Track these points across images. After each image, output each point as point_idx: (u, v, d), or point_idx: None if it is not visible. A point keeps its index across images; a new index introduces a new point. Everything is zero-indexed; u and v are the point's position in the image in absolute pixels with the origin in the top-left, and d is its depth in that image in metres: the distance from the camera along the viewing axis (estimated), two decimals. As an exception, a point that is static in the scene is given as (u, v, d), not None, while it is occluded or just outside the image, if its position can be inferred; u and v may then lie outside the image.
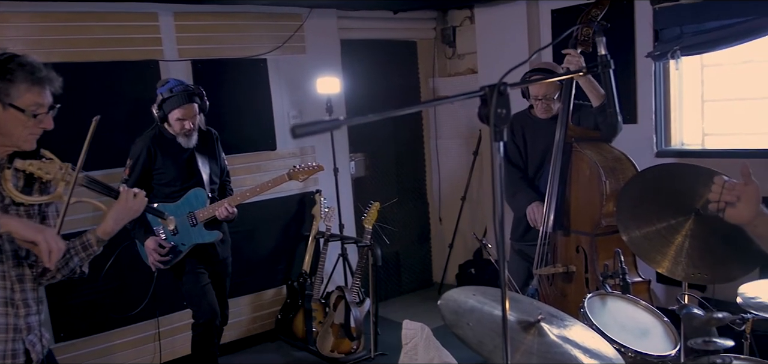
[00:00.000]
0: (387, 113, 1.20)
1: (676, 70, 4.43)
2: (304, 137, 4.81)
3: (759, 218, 1.94)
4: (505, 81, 1.35)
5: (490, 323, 1.85)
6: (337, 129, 1.13)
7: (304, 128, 1.15)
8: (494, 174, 1.37)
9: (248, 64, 4.94)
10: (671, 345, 2.36)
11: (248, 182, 4.90)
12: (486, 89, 1.34)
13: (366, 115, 1.14)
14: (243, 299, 5.12)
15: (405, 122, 6.13)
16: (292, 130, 1.14)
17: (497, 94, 1.34)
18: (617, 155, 3.34)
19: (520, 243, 3.74)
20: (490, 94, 1.34)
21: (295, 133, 1.14)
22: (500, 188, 1.41)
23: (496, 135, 1.36)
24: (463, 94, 1.35)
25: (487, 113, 1.35)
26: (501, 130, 1.36)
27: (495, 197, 1.40)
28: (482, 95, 1.36)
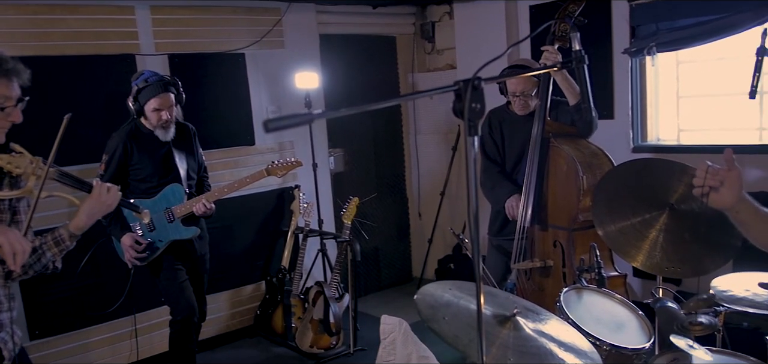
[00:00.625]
0: (360, 108, 1.20)
1: (652, 67, 4.48)
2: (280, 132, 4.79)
3: (741, 204, 1.97)
4: (479, 76, 1.35)
5: (466, 318, 1.86)
6: (309, 123, 1.12)
7: (277, 122, 1.14)
8: (468, 168, 1.37)
9: (226, 59, 4.90)
10: (646, 338, 2.39)
11: (226, 177, 4.88)
12: (460, 84, 1.34)
13: (338, 110, 1.13)
14: (222, 295, 5.09)
15: (384, 118, 6.13)
16: (264, 125, 1.13)
17: (471, 89, 1.33)
18: (594, 150, 3.37)
19: (498, 238, 3.76)
20: (464, 88, 1.33)
21: (267, 127, 1.13)
22: (474, 182, 1.41)
23: (471, 129, 1.36)
24: (436, 88, 1.35)
25: (461, 108, 1.35)
26: (475, 125, 1.36)
27: (469, 192, 1.40)
28: (456, 90, 1.36)
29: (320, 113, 1.16)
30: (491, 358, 1.76)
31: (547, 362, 1.81)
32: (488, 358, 1.75)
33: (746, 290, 2.56)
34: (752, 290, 2.56)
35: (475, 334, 1.74)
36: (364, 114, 5.92)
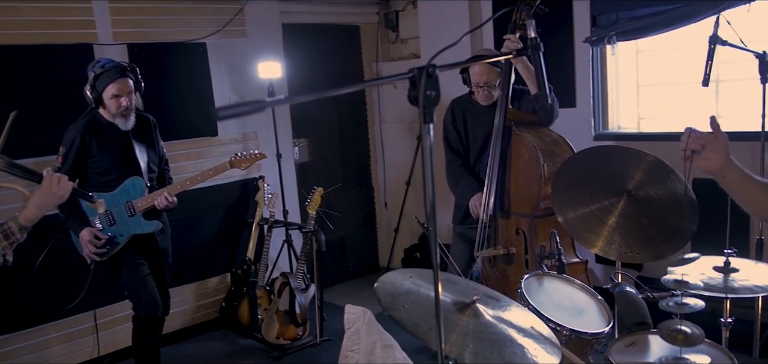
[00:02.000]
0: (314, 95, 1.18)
1: (612, 56, 4.54)
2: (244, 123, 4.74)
3: (728, 169, 2.01)
4: (434, 63, 1.35)
5: (426, 305, 1.86)
6: (260, 111, 1.10)
7: (226, 111, 1.12)
8: (424, 156, 1.37)
9: (187, 49, 4.83)
10: (605, 323, 2.42)
11: (189, 169, 4.82)
12: (414, 71, 1.33)
13: (291, 97, 1.12)
14: (186, 288, 5.04)
15: (349, 107, 6.11)
16: (214, 113, 1.12)
17: (425, 76, 1.33)
18: (555, 138, 3.41)
19: (462, 226, 3.79)
20: (419, 76, 1.33)
21: (217, 115, 1.11)
22: (430, 170, 1.41)
23: (426, 117, 1.36)
24: (390, 76, 1.34)
25: (416, 95, 1.35)
26: (430, 113, 1.36)
27: (425, 179, 1.40)
28: (411, 77, 1.35)
29: (271, 101, 1.15)
30: (451, 345, 1.76)
31: (505, 348, 1.82)
32: (448, 345, 1.76)
33: (701, 274, 2.62)
34: (707, 274, 2.62)
35: (434, 321, 1.75)
36: (328, 104, 5.90)
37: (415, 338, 1.79)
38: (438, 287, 1.46)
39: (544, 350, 1.93)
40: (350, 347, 3.16)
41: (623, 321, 2.53)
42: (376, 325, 3.05)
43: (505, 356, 1.80)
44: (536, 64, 1.71)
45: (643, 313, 2.51)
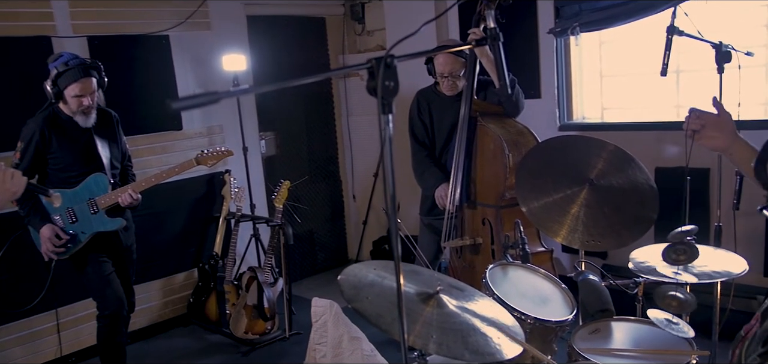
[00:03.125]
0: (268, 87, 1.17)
1: (576, 47, 4.58)
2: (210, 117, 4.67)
3: (734, 146, 2.06)
4: (392, 53, 1.34)
5: (389, 297, 1.86)
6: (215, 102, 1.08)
7: (180, 103, 1.10)
8: (383, 147, 1.36)
9: (149, 41, 4.75)
10: (569, 311, 2.45)
11: (153, 164, 4.75)
12: (372, 62, 1.33)
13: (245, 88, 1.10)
14: (153, 284, 4.99)
15: (315, 100, 6.08)
16: (168, 105, 1.10)
17: (384, 67, 1.32)
18: (520, 129, 3.43)
19: (429, 218, 3.80)
20: (377, 66, 1.32)
21: (170, 107, 1.09)
22: (390, 161, 1.41)
23: (384, 108, 1.35)
24: (349, 66, 1.33)
25: (374, 86, 1.34)
26: (389, 103, 1.36)
27: (385, 170, 1.40)
28: (369, 68, 1.34)
29: (225, 92, 1.13)
30: (415, 336, 1.77)
31: (469, 338, 1.83)
32: (412, 336, 1.76)
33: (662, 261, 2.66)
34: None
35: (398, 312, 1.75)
36: (295, 97, 5.86)
37: (379, 330, 1.79)
38: (400, 279, 1.46)
39: (507, 338, 1.95)
40: (318, 340, 3.16)
41: (586, 309, 2.57)
42: (343, 317, 3.05)
43: (468, 345, 1.81)
44: (496, 54, 1.72)
45: (606, 300, 2.54)
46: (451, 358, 1.79)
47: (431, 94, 3.75)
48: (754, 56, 3.21)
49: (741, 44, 3.09)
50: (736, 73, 3.00)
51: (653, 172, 4.20)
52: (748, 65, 3.36)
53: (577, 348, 2.29)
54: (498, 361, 2.00)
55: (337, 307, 3.06)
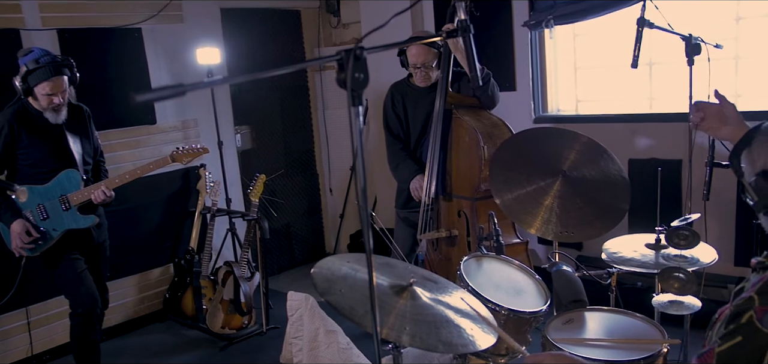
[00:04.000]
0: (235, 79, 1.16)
1: (550, 39, 4.61)
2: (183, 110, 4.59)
3: (741, 134, 2.07)
4: (361, 45, 1.34)
5: (362, 289, 1.86)
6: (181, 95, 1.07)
7: (146, 96, 1.09)
8: (353, 139, 1.36)
9: (121, 34, 4.68)
10: (543, 302, 2.46)
11: (127, 159, 4.70)
12: (341, 53, 1.32)
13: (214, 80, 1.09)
14: (128, 280, 4.94)
15: (291, 94, 6.05)
16: (131, 98, 1.08)
17: (353, 59, 1.32)
18: (495, 121, 3.45)
19: (405, 211, 3.81)
20: (346, 58, 1.32)
21: (134, 100, 1.08)
22: (361, 153, 1.40)
23: (354, 100, 1.35)
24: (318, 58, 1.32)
25: (344, 78, 1.34)
26: (359, 95, 1.35)
27: (356, 162, 1.39)
28: (339, 60, 1.34)
29: (193, 84, 1.12)
30: (388, 328, 1.77)
31: (442, 329, 1.84)
32: (385, 328, 1.76)
33: (634, 251, 2.71)
34: (640, 251, 2.70)
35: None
36: (270, 90, 5.83)
37: (352, 323, 1.79)
38: (372, 272, 1.46)
39: (481, 329, 1.96)
40: (294, 334, 3.15)
41: (560, 299, 2.59)
42: (319, 311, 3.05)
43: (441, 336, 1.81)
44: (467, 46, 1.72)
45: (579, 291, 2.56)
46: (424, 349, 1.79)
47: (405, 87, 3.76)
48: (724, 49, 3.25)
49: (711, 37, 3.13)
50: (706, 66, 3.03)
51: (627, 163, 4.24)
52: (718, 58, 3.41)
53: (550, 338, 2.31)
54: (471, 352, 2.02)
55: (312, 300, 3.06)
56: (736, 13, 3.91)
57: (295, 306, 3.12)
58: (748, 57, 3.93)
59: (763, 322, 1.47)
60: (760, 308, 1.49)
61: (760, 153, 1.56)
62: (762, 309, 1.48)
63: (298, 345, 3.09)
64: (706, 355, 1.57)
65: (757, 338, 1.48)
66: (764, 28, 3.83)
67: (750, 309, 1.50)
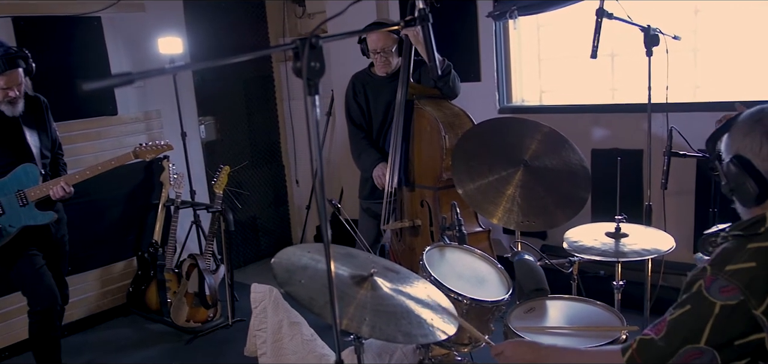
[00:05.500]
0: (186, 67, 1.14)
1: (514, 30, 4.64)
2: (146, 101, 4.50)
3: None
4: (317, 34, 1.33)
5: (322, 280, 1.85)
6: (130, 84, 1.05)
7: (92, 84, 1.06)
8: (310, 129, 1.35)
9: (80, 23, 4.57)
10: (505, 291, 2.48)
11: (88, 150, 4.62)
12: (297, 42, 1.31)
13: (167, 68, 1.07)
14: (90, 274, 4.86)
15: (256, 84, 5.99)
16: (79, 87, 1.06)
17: (309, 48, 1.31)
18: (456, 112, 3.46)
19: (368, 201, 3.81)
20: (302, 47, 1.30)
21: (81, 88, 1.05)
22: (318, 143, 1.39)
23: (310, 89, 1.34)
24: (273, 47, 1.30)
25: (300, 67, 1.32)
26: (315, 84, 1.34)
27: (312, 151, 1.38)
28: (294, 49, 1.32)
29: (142, 73, 1.10)
30: (348, 319, 1.77)
31: (402, 320, 1.84)
32: (346, 319, 1.76)
33: (595, 240, 2.74)
34: (600, 240, 2.74)
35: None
36: (235, 81, 5.77)
37: (312, 313, 1.78)
38: (331, 263, 1.45)
39: (442, 319, 1.97)
40: (258, 326, 3.12)
41: (522, 288, 2.61)
42: (282, 303, 3.02)
43: (401, 327, 1.81)
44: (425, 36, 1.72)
45: (540, 280, 2.58)
46: (384, 340, 1.79)
47: (366, 77, 3.77)
48: (683, 41, 3.31)
49: (670, 29, 3.18)
50: (665, 57, 3.08)
51: (589, 153, 4.30)
52: (677, 49, 3.47)
53: (512, 327, 2.33)
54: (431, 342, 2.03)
55: (276, 292, 3.03)
56: (695, 6, 3.97)
57: (258, 298, 3.09)
58: (706, 49, 4.00)
59: (710, 290, 1.53)
60: (710, 277, 1.55)
61: (734, 140, 1.63)
62: (711, 278, 1.55)
63: (262, 337, 3.06)
64: (659, 324, 1.63)
65: (703, 305, 1.54)
66: (722, 21, 3.90)
67: (701, 279, 1.57)
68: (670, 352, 1.57)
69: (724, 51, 3.94)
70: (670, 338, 1.58)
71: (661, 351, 1.59)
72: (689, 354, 1.55)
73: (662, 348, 1.59)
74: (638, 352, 1.64)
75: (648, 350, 1.62)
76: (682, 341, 1.56)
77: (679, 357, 1.56)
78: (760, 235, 1.56)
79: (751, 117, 1.62)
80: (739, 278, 1.51)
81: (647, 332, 1.65)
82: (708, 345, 1.53)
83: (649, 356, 1.61)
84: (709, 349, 1.53)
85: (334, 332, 1.52)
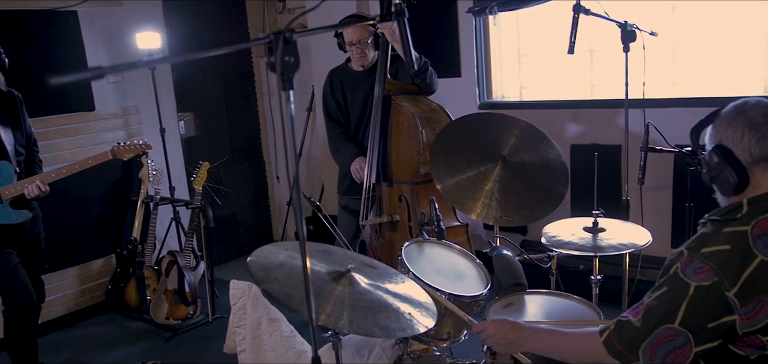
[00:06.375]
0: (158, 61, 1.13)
1: (494, 26, 4.65)
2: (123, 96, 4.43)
3: None
4: (291, 28, 1.31)
5: (299, 277, 1.84)
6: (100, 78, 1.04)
7: (61, 79, 1.05)
8: (285, 124, 1.34)
9: (56, 17, 4.50)
10: (483, 285, 2.49)
11: (65, 147, 4.57)
12: (270, 36, 1.29)
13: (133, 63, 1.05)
14: (68, 272, 4.81)
15: (236, 80, 5.94)
16: (46, 81, 1.04)
17: (283, 42, 1.30)
18: (433, 107, 3.47)
19: (346, 198, 3.81)
20: (275, 41, 1.29)
21: (49, 83, 1.03)
22: (292, 139, 1.38)
23: (285, 84, 1.32)
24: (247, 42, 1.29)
25: (274, 62, 1.31)
26: (290, 79, 1.33)
27: (287, 149, 1.37)
28: (268, 43, 1.31)
29: (113, 67, 1.08)
30: (326, 315, 1.76)
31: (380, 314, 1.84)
32: (323, 315, 1.75)
33: (572, 235, 2.76)
34: (577, 235, 2.76)
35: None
36: (214, 76, 5.73)
37: (289, 310, 1.78)
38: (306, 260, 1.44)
39: (419, 313, 1.97)
40: (237, 323, 3.11)
41: (501, 283, 2.62)
42: (261, 299, 3.01)
43: (379, 321, 1.82)
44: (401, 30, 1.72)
45: (519, 274, 2.60)
46: (361, 335, 1.79)
47: (343, 72, 3.77)
48: (661, 37, 3.33)
49: (648, 25, 3.20)
50: (641, 53, 3.10)
51: (569, 149, 4.33)
52: (655, 45, 3.50)
53: (491, 322, 2.34)
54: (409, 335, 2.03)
55: (255, 289, 3.02)
56: (672, 3, 4.01)
57: (238, 295, 3.08)
58: (684, 45, 4.04)
59: (685, 272, 1.57)
60: (686, 259, 1.59)
61: (717, 130, 1.67)
62: (687, 261, 1.59)
63: (241, 334, 3.04)
64: (637, 307, 1.67)
65: (679, 286, 1.58)
66: (700, 17, 3.94)
67: (678, 261, 1.61)
68: (645, 332, 1.61)
69: (701, 47, 3.98)
70: (646, 318, 1.62)
71: (637, 332, 1.63)
72: (664, 335, 1.59)
73: (638, 328, 1.63)
74: (616, 333, 1.68)
75: (625, 331, 1.66)
76: (657, 321, 1.60)
77: (654, 338, 1.60)
78: (737, 220, 1.60)
79: (734, 108, 1.66)
80: (713, 260, 1.55)
81: (625, 315, 1.69)
82: (682, 326, 1.56)
83: (626, 336, 1.65)
84: (684, 331, 1.56)
85: (310, 330, 1.51)
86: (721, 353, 1.60)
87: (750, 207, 1.59)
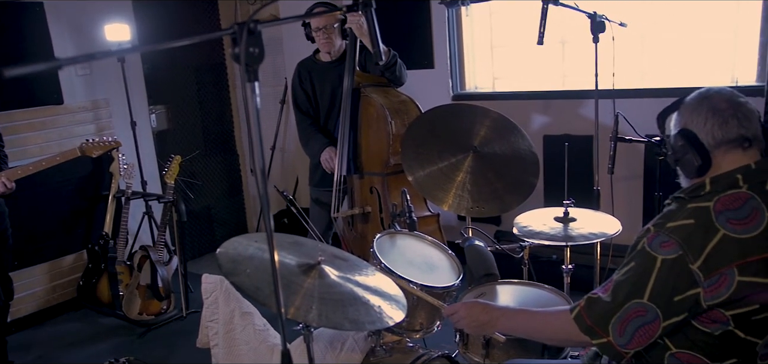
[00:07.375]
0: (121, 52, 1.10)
1: (467, 17, 4.66)
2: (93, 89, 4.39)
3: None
4: (256, 19, 1.30)
5: (268, 269, 1.82)
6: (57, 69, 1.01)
7: (15, 70, 1.02)
8: (250, 116, 1.32)
9: (20, 8, 4.41)
10: (455, 276, 2.50)
11: (32, 141, 4.48)
12: (235, 27, 1.28)
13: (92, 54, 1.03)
14: (38, 268, 4.73)
15: (208, 72, 5.88)
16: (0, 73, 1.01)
17: (247, 33, 1.28)
18: (403, 99, 3.48)
19: (318, 190, 3.80)
20: (240, 32, 1.28)
21: (3, 75, 1.01)
22: (258, 132, 1.37)
23: (249, 75, 1.31)
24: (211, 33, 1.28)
25: (238, 53, 1.30)
26: (254, 70, 1.32)
27: (252, 139, 1.36)
28: (232, 34, 1.30)
29: (70, 59, 1.06)
30: (296, 308, 1.75)
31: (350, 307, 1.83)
32: (293, 308, 1.74)
33: (543, 224, 2.78)
34: (549, 224, 2.78)
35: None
36: (186, 69, 5.66)
37: (258, 304, 1.76)
38: (274, 253, 1.43)
39: (390, 305, 1.97)
40: (209, 318, 3.08)
41: (473, 274, 2.63)
42: (234, 293, 2.99)
43: (349, 314, 1.81)
44: (368, 21, 1.71)
45: (490, 265, 2.61)
46: (331, 328, 1.79)
47: (311, 64, 3.76)
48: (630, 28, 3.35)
49: (617, 16, 3.22)
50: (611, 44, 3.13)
51: (541, 139, 4.35)
52: (624, 36, 3.52)
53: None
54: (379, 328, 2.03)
55: (227, 283, 2.99)
56: (642, -7, 4.05)
57: (210, 289, 3.04)
58: (653, 36, 4.08)
59: (652, 246, 1.62)
60: (653, 234, 1.63)
61: (682, 116, 1.72)
62: (653, 235, 1.63)
63: (214, 329, 3.02)
64: (607, 284, 1.72)
65: (646, 260, 1.62)
66: (669, 9, 3.98)
67: (645, 237, 1.65)
68: (615, 307, 1.65)
69: (670, 39, 4.02)
70: (615, 294, 1.66)
71: (607, 307, 1.67)
72: (634, 311, 1.63)
73: (608, 304, 1.66)
74: (586, 310, 1.72)
75: (595, 307, 1.70)
76: (626, 296, 1.64)
77: (624, 313, 1.64)
78: (701, 196, 1.65)
79: (698, 95, 1.71)
80: (678, 234, 1.59)
81: (595, 292, 1.73)
82: (651, 301, 1.60)
83: (596, 312, 1.69)
84: (653, 306, 1.61)
85: (279, 322, 1.50)
86: (687, 330, 1.64)
87: (712, 185, 1.65)
